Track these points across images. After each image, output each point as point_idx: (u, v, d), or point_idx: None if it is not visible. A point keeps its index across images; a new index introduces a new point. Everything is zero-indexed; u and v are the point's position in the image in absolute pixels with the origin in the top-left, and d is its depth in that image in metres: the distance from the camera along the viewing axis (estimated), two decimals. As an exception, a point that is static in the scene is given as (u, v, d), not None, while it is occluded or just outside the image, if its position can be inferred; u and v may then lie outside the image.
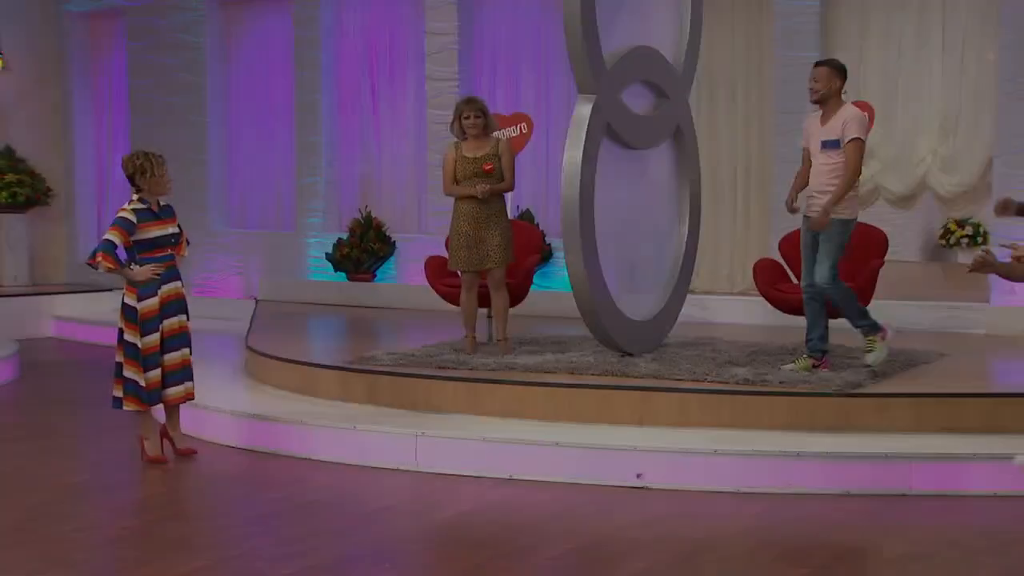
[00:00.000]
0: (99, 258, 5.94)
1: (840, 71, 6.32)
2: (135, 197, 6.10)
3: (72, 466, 6.24)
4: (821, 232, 6.31)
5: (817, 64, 6.38)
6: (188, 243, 6.40)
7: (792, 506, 5.34)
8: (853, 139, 6.21)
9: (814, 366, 6.46)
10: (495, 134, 7.26)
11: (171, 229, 6.16)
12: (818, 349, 6.51)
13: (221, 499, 5.60)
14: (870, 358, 6.35)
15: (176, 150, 11.89)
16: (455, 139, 7.26)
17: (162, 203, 6.18)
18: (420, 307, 10.31)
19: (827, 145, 6.30)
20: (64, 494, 5.63)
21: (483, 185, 7.04)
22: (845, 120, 6.23)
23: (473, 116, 7.07)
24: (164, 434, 6.31)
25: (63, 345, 11.27)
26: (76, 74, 13.08)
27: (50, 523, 5.13)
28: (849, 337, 7.74)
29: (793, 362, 6.54)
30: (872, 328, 6.39)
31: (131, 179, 6.10)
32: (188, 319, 6.27)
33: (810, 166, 6.41)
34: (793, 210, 6.45)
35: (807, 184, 6.44)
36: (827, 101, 6.31)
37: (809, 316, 6.48)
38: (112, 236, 5.97)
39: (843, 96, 6.41)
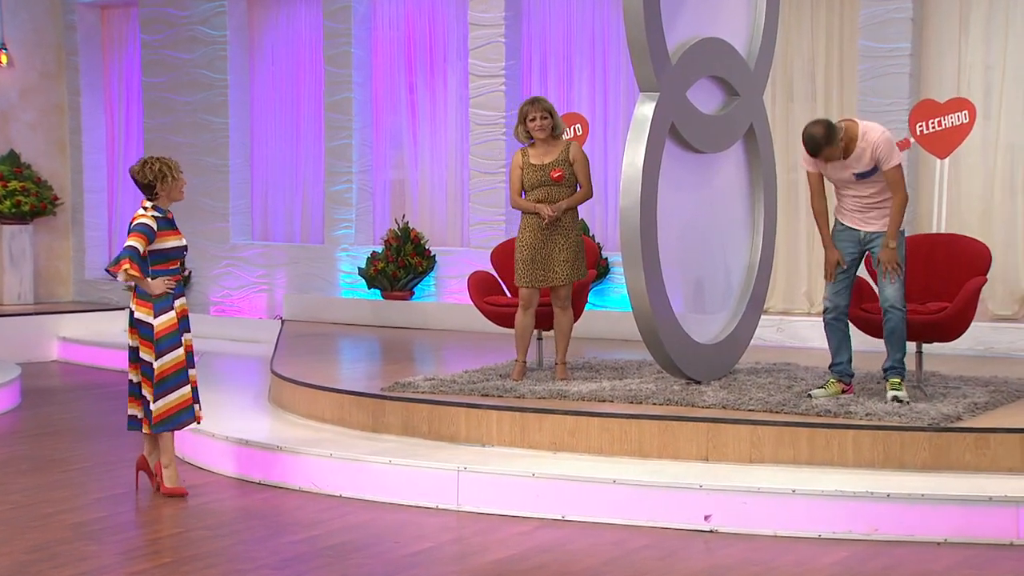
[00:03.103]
0: (125, 265, 6.08)
1: (835, 133, 6.29)
2: (148, 205, 6.26)
3: (79, 503, 6.32)
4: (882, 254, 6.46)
5: (814, 153, 6.32)
6: None
7: (880, 555, 5.29)
8: (894, 167, 6.34)
9: (844, 391, 6.55)
10: (565, 136, 7.27)
11: (184, 241, 6.37)
12: (848, 373, 6.60)
13: (242, 540, 5.64)
14: (894, 394, 6.37)
15: (194, 154, 12.09)
16: (523, 145, 7.28)
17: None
18: (462, 328, 10.34)
19: (862, 176, 6.44)
20: (70, 533, 5.70)
21: (550, 211, 7.03)
22: (874, 147, 6.31)
23: (539, 117, 7.09)
24: (141, 466, 6.43)
25: (69, 369, 11.43)
26: (85, 71, 13.30)
27: (54, 566, 5.19)
28: (942, 363, 7.66)
29: (822, 387, 6.61)
30: (903, 372, 6.46)
31: (149, 186, 6.26)
32: None
33: (822, 190, 6.57)
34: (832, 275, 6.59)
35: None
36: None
37: (836, 340, 6.60)
38: (136, 243, 6.15)
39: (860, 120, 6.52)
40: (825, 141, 6.26)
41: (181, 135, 12.42)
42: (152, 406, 6.19)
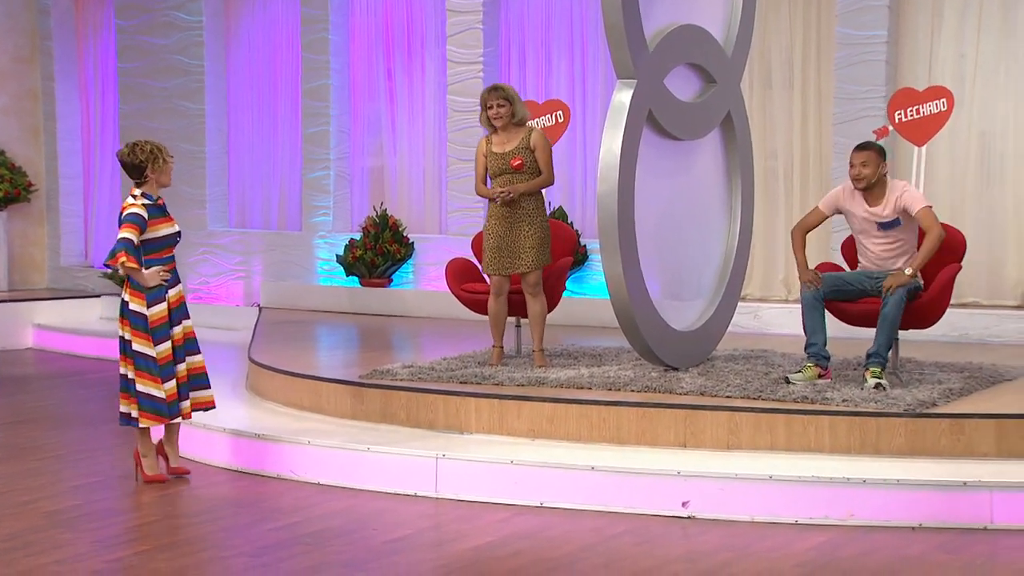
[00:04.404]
0: (122, 258, 6.04)
1: (884, 154, 6.77)
2: (138, 192, 6.20)
3: (55, 490, 6.30)
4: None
5: (861, 148, 6.73)
6: None
7: (856, 540, 5.33)
8: (924, 207, 6.63)
9: (820, 376, 6.58)
10: (528, 123, 7.29)
11: (176, 227, 6.31)
12: (823, 356, 6.65)
13: (220, 528, 5.63)
14: (876, 382, 6.41)
15: (170, 141, 11.97)
16: (487, 132, 7.30)
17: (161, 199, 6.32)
18: (441, 315, 10.34)
19: (888, 227, 6.73)
20: (46, 521, 5.68)
21: (501, 190, 7.06)
22: (899, 198, 6.66)
23: (497, 105, 7.11)
24: (159, 450, 6.42)
25: (45, 357, 11.37)
26: (59, 56, 13.21)
27: (30, 554, 5.18)
28: (917, 349, 7.71)
29: (799, 371, 6.64)
30: (884, 362, 6.54)
31: (138, 169, 6.20)
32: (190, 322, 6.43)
33: (812, 225, 6.93)
34: (817, 282, 6.74)
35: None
36: (875, 185, 6.72)
37: (812, 320, 6.69)
38: (130, 234, 6.10)
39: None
40: (877, 149, 6.67)
41: (157, 121, 12.35)
42: (162, 392, 6.15)
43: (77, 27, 13.37)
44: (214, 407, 6.46)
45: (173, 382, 6.23)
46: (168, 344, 6.21)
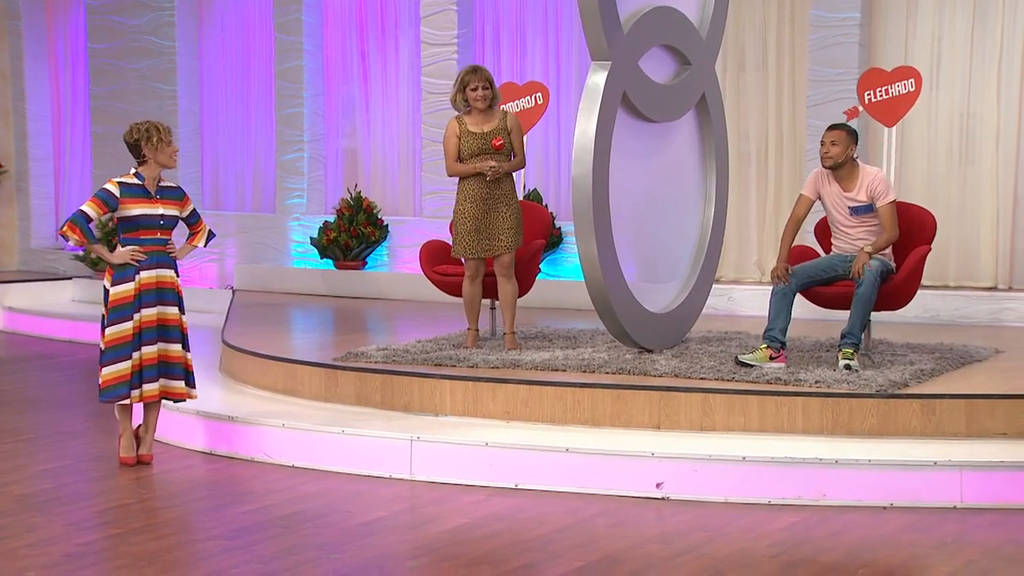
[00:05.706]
0: (66, 228, 6.11)
1: (855, 136, 6.87)
2: (131, 171, 6.25)
3: (27, 473, 6.27)
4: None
5: (832, 128, 6.86)
6: (213, 235, 6.63)
7: (829, 520, 5.37)
8: (891, 202, 6.77)
9: (771, 358, 6.58)
10: (501, 106, 7.31)
11: (161, 210, 6.24)
12: (777, 340, 6.66)
13: (194, 511, 5.63)
14: (846, 363, 6.44)
15: (142, 122, 11.91)
16: (456, 112, 7.29)
17: (165, 184, 6.30)
18: (415, 298, 10.34)
19: (859, 211, 6.83)
20: (17, 506, 5.66)
21: (494, 163, 7.07)
22: (871, 183, 6.79)
23: (481, 87, 7.11)
24: (135, 433, 6.41)
25: (15, 339, 11.31)
26: (28, 36, 13.08)
27: (2, 538, 5.15)
28: (890, 331, 7.76)
29: (751, 352, 6.67)
30: (857, 345, 6.58)
31: (135, 147, 6.22)
32: (182, 312, 6.33)
33: (803, 214, 6.95)
34: (786, 279, 6.72)
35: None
36: (843, 166, 6.82)
37: (776, 307, 6.69)
38: (87, 208, 6.14)
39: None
40: (848, 130, 6.81)
41: (129, 103, 12.26)
42: (100, 374, 6.16)
43: (46, 6, 13.24)
44: (184, 400, 6.38)
45: (126, 364, 6.13)
46: (126, 326, 6.15)
